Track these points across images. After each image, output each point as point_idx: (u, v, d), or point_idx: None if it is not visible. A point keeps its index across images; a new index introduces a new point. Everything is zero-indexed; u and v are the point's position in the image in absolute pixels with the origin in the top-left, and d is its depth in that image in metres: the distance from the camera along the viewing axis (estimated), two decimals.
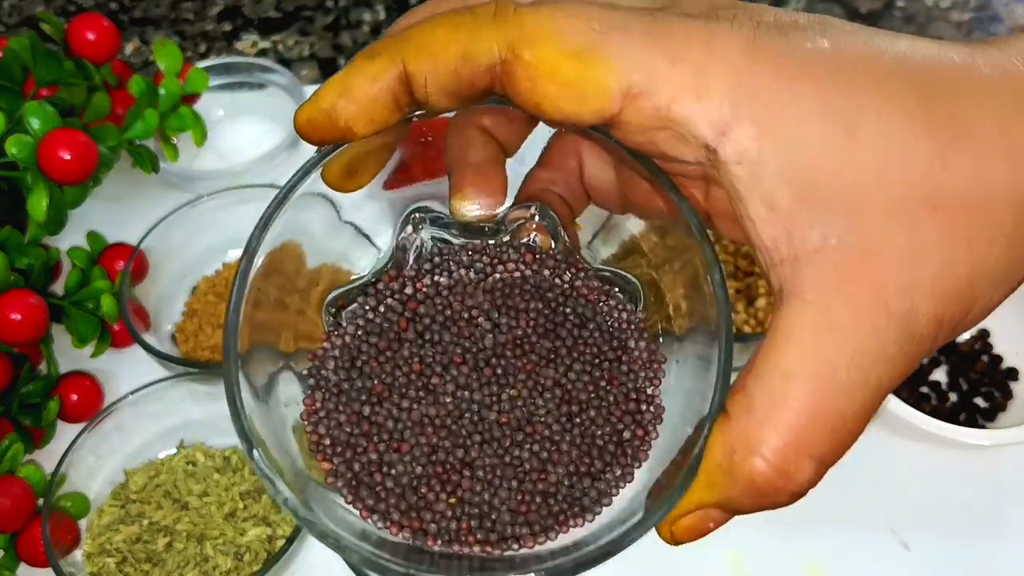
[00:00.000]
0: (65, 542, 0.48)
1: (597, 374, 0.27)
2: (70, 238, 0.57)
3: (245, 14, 0.83)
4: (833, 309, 0.20)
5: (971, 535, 0.50)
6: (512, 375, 0.26)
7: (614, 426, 0.26)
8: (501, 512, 0.25)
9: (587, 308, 0.28)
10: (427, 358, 0.26)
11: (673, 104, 0.20)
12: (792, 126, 0.20)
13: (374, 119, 0.22)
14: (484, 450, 0.26)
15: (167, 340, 0.58)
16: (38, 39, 0.52)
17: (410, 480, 0.25)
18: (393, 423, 0.26)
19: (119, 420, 0.51)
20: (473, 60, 0.21)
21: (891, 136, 0.20)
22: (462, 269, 0.28)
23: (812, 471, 0.20)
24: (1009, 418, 0.54)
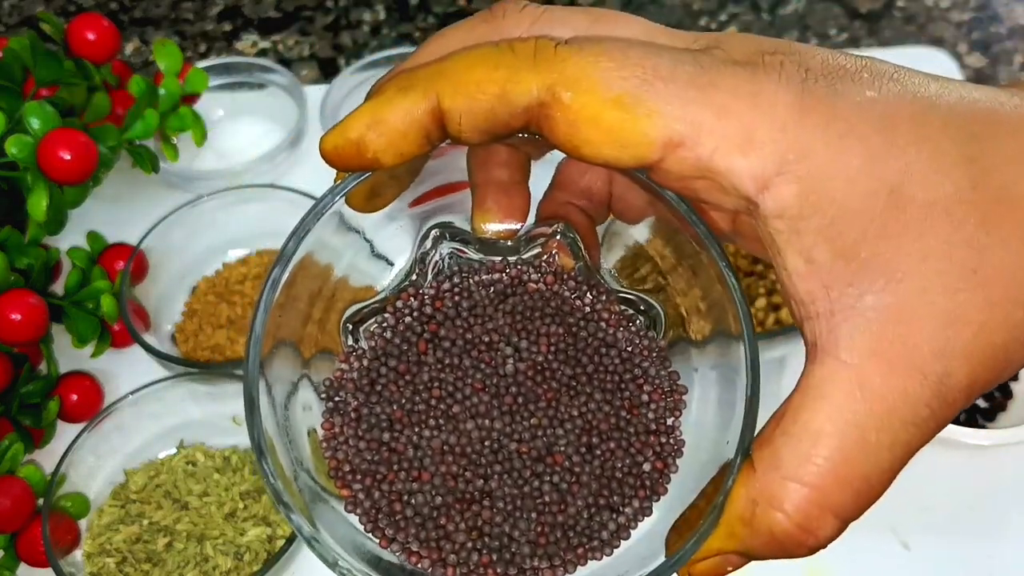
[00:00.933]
0: (65, 542, 0.48)
1: (618, 403, 0.27)
2: (70, 238, 0.57)
3: (245, 14, 0.83)
4: (867, 370, 0.20)
5: (971, 535, 0.50)
6: (533, 403, 0.26)
7: (634, 458, 0.26)
8: (520, 544, 0.25)
9: (608, 334, 0.27)
10: (447, 384, 0.26)
11: (716, 156, 0.20)
12: (836, 185, 0.20)
13: (403, 152, 0.22)
14: (504, 480, 0.26)
15: (167, 340, 0.58)
16: (38, 39, 0.52)
17: (430, 510, 0.25)
18: (413, 451, 0.26)
19: (119, 420, 0.51)
20: (511, 100, 0.21)
21: (935, 201, 0.20)
22: (482, 288, 0.27)
23: (833, 528, 0.21)
24: (1009, 418, 0.54)
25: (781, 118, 0.20)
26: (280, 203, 0.60)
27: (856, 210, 0.20)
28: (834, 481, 0.20)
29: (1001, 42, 0.76)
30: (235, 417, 0.53)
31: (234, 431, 0.53)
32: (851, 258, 0.20)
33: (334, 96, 0.68)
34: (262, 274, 0.59)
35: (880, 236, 0.20)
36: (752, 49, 0.21)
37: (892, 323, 0.20)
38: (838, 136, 0.20)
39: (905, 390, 0.20)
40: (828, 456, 0.20)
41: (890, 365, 0.20)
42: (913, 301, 0.20)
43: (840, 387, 0.20)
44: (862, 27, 0.78)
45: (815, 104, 0.20)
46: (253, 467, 0.51)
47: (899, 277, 0.20)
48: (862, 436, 0.20)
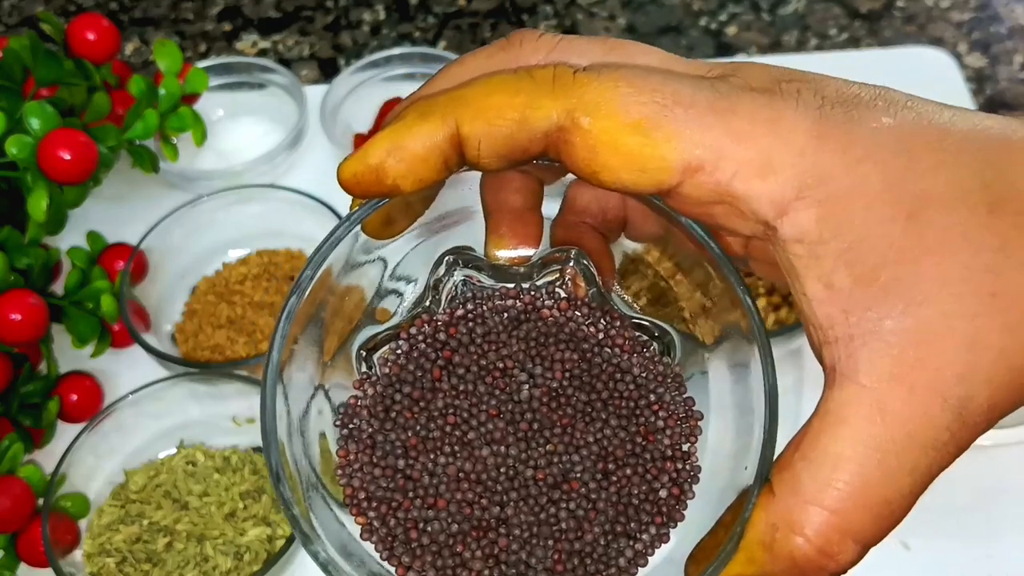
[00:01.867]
0: (65, 542, 0.48)
1: (633, 429, 0.26)
2: (70, 238, 0.57)
3: (245, 14, 0.83)
4: (887, 395, 0.20)
5: (971, 535, 0.50)
6: (548, 429, 0.26)
7: (650, 484, 0.26)
8: (537, 572, 0.25)
9: (622, 360, 0.27)
10: (462, 411, 0.26)
11: (735, 180, 0.20)
12: (855, 210, 0.20)
13: (422, 178, 0.22)
14: (520, 507, 0.26)
15: (167, 340, 0.58)
16: (38, 39, 0.52)
17: (446, 538, 0.25)
18: (428, 478, 0.26)
19: (119, 420, 0.51)
20: (530, 126, 0.21)
21: (953, 226, 0.20)
22: (496, 315, 0.27)
23: (854, 553, 0.21)
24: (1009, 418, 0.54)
25: (799, 143, 0.20)
26: (280, 203, 0.61)
27: (875, 235, 0.20)
28: (854, 506, 0.20)
29: (1001, 42, 0.76)
30: (235, 417, 0.53)
31: (234, 431, 0.53)
32: (870, 283, 0.20)
33: (334, 96, 0.68)
34: (262, 274, 0.60)
35: (899, 261, 0.20)
36: (768, 77, 0.21)
37: (912, 347, 0.20)
38: (856, 161, 0.20)
39: (926, 414, 0.20)
40: (848, 481, 0.20)
41: (910, 389, 0.20)
42: (933, 325, 0.20)
43: (860, 411, 0.20)
44: (862, 27, 0.78)
45: (832, 130, 0.20)
46: (253, 467, 0.51)
47: (919, 301, 0.20)
48: (883, 460, 0.20)
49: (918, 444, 0.20)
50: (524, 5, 0.82)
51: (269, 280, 0.59)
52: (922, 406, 0.20)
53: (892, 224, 0.20)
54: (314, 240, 0.60)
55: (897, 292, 0.20)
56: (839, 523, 0.20)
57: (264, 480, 0.51)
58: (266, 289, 0.59)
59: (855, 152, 0.20)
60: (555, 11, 0.81)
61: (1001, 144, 0.21)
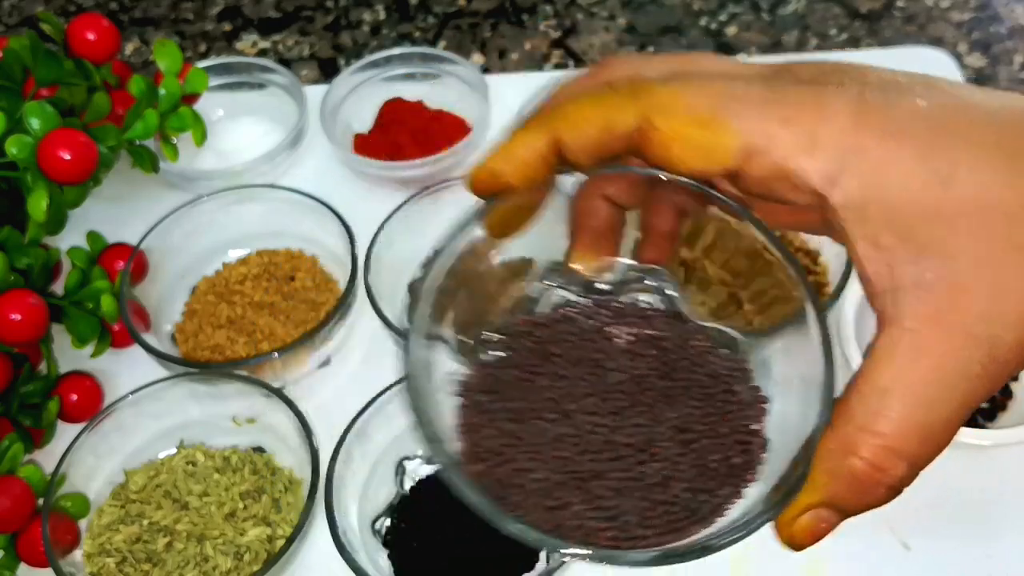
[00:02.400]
0: (65, 542, 0.48)
1: (709, 411, 0.31)
2: (70, 238, 0.57)
3: (245, 14, 0.83)
4: (926, 335, 0.23)
5: (971, 535, 0.50)
6: (634, 407, 0.30)
7: (725, 453, 0.30)
8: (629, 515, 0.29)
9: (698, 355, 0.32)
10: (561, 389, 0.31)
11: (788, 159, 0.24)
12: (893, 178, 0.23)
13: (528, 177, 0.27)
14: (613, 465, 0.30)
15: (167, 340, 0.58)
16: (38, 39, 0.52)
17: (549, 485, 0.29)
18: (533, 438, 0.30)
19: (119, 420, 0.51)
20: (614, 129, 0.25)
21: (979, 186, 0.23)
22: (590, 318, 0.33)
23: (904, 469, 0.24)
24: (1009, 418, 0.54)
25: (840, 124, 0.24)
26: (280, 203, 0.61)
27: (912, 199, 0.23)
28: (900, 429, 0.24)
29: (1001, 42, 0.76)
30: (235, 417, 0.53)
31: (234, 431, 0.53)
32: (911, 240, 0.23)
33: (334, 96, 0.68)
34: (262, 274, 0.60)
35: (935, 220, 0.23)
36: (816, 70, 0.25)
37: (947, 294, 0.23)
38: (891, 136, 0.23)
39: (960, 350, 0.23)
40: (895, 408, 0.24)
41: (946, 330, 0.23)
42: (966, 275, 0.23)
43: (904, 351, 0.24)
44: (862, 27, 0.78)
45: (870, 110, 0.24)
46: (253, 467, 0.51)
47: (953, 255, 0.23)
48: (923, 392, 0.23)
49: (953, 377, 0.23)
50: (524, 5, 0.82)
51: (269, 280, 0.59)
52: (956, 344, 0.23)
53: (926, 189, 0.23)
54: (314, 240, 0.60)
55: (933, 248, 0.23)
56: (888, 444, 0.24)
57: (264, 480, 0.51)
58: (266, 289, 0.59)
59: (890, 128, 0.24)
60: (555, 11, 0.81)
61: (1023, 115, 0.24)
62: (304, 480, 0.50)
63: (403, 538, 0.49)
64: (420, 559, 0.48)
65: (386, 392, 0.50)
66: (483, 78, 0.68)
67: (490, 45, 0.79)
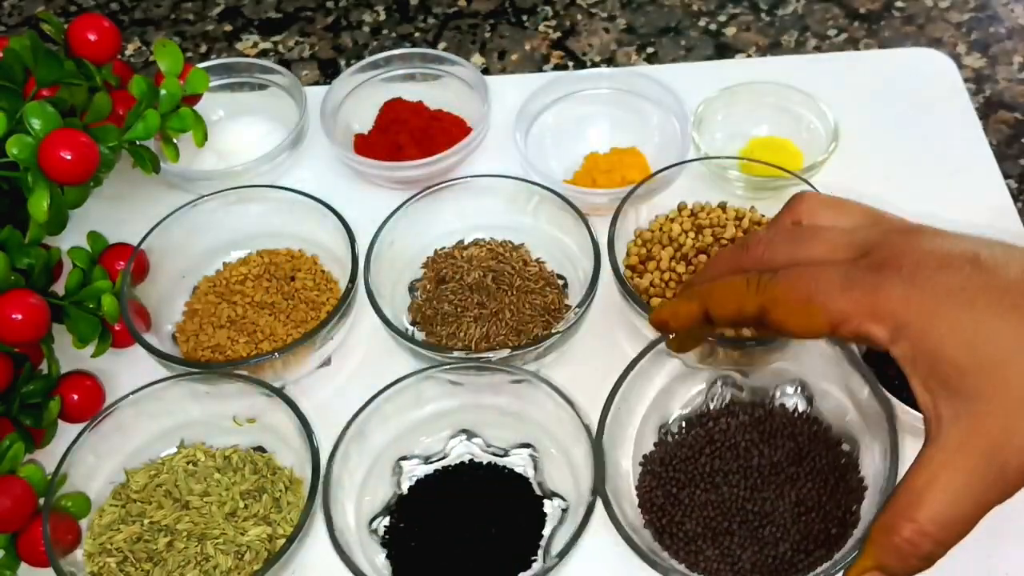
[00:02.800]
0: (66, 542, 0.48)
1: (822, 491, 0.47)
2: (71, 238, 0.57)
3: (246, 15, 0.83)
4: (955, 455, 0.32)
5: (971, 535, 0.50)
6: (766, 487, 0.47)
7: (826, 525, 0.46)
8: (745, 564, 0.45)
9: (822, 449, 0.48)
10: (715, 467, 0.48)
11: (860, 328, 0.34)
12: (932, 343, 0.32)
13: (686, 326, 0.40)
14: (742, 526, 0.46)
15: (167, 340, 0.58)
16: (39, 39, 0.52)
17: (693, 535, 0.46)
18: (687, 500, 0.47)
19: (119, 420, 0.51)
20: (744, 311, 0.37)
21: (999, 348, 0.31)
22: (745, 415, 0.50)
23: (931, 547, 0.33)
24: None
25: (893, 304, 0.33)
26: (280, 203, 0.61)
27: (950, 358, 0.32)
28: (931, 519, 0.32)
29: (1001, 42, 0.76)
30: (235, 417, 0.53)
31: (234, 431, 0.53)
32: (948, 387, 0.32)
33: (334, 97, 0.68)
34: (262, 274, 0.60)
35: (964, 375, 0.32)
36: (886, 254, 0.34)
37: (971, 428, 0.32)
38: (930, 314, 0.32)
39: (977, 468, 0.32)
40: (927, 503, 0.32)
41: (968, 453, 0.32)
42: (985, 415, 0.32)
43: (937, 463, 0.32)
44: (861, 27, 0.78)
45: (916, 292, 0.33)
46: (254, 467, 0.51)
47: (976, 400, 0.32)
48: (949, 497, 0.32)
49: (971, 488, 0.32)
50: (524, 6, 0.82)
51: (269, 280, 0.59)
52: (975, 463, 0.32)
53: (957, 351, 0.32)
54: (314, 240, 0.61)
55: (963, 395, 0.32)
56: (920, 528, 0.33)
57: (264, 479, 0.51)
58: (267, 289, 0.59)
59: (933, 303, 0.32)
60: (555, 12, 0.81)
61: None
62: (305, 479, 0.50)
63: (401, 538, 0.49)
64: (418, 559, 0.48)
65: (383, 392, 0.50)
66: (483, 78, 0.68)
67: (490, 46, 0.79)
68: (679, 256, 0.56)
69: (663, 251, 0.56)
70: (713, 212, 0.58)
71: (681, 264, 0.56)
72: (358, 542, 0.48)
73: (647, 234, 0.58)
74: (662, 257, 0.56)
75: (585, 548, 0.45)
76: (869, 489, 0.46)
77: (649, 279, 0.56)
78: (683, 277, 0.56)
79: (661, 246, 0.57)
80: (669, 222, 0.58)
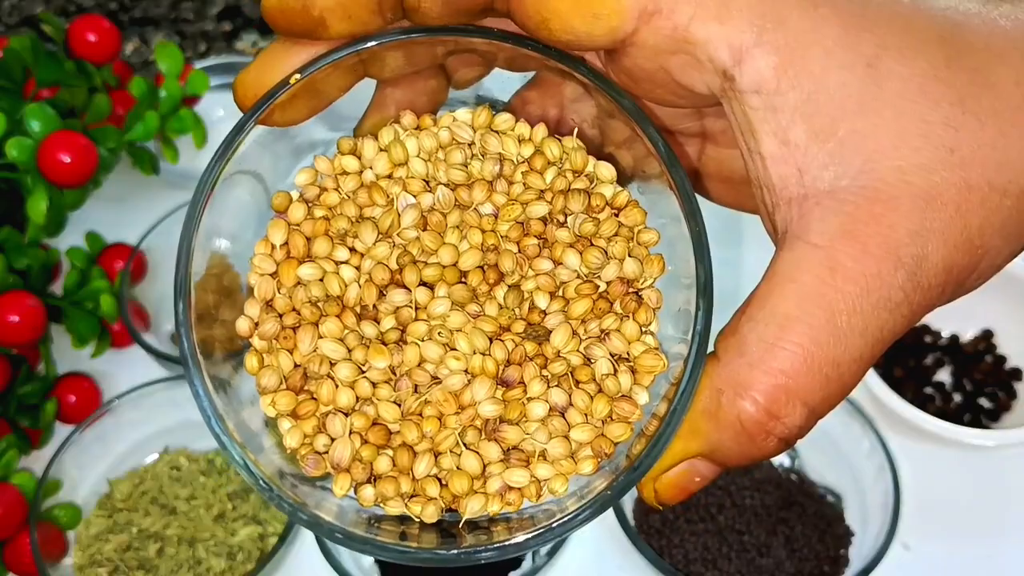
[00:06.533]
0: (53, 552, 0.48)
1: (810, 534, 0.48)
2: (70, 237, 0.57)
3: (245, 14, 0.83)
4: (839, 252, 0.19)
5: (971, 535, 0.50)
6: (759, 523, 0.48)
7: (818, 562, 0.47)
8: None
9: (807, 498, 0.49)
10: (709, 500, 0.49)
11: (693, 24, 0.19)
12: (814, 57, 0.19)
13: (351, 16, 0.21)
14: (740, 555, 0.47)
15: (167, 340, 0.58)
16: (38, 40, 0.52)
17: (692, 558, 0.47)
18: (686, 527, 0.48)
19: (100, 430, 0.51)
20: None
21: (911, 76, 0.19)
22: (755, 497, 0.50)
23: (802, 417, 0.20)
24: (1013, 419, 0.54)
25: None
26: None
27: (834, 84, 0.19)
28: (803, 366, 0.19)
29: None
30: None
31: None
32: (827, 137, 0.19)
33: None
34: None
35: (857, 112, 0.19)
36: None
37: (867, 203, 0.19)
38: (813, 6, 0.19)
39: (878, 273, 0.19)
40: (797, 340, 0.19)
41: (863, 246, 0.19)
42: (889, 181, 0.19)
43: (810, 270, 0.19)
44: None
45: None
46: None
47: (875, 156, 0.19)
48: (832, 320, 0.19)
49: (869, 304, 0.19)
50: None
51: None
52: (874, 264, 0.19)
53: (850, 72, 0.19)
54: None
55: (854, 146, 0.19)
56: (787, 384, 0.19)
57: None
58: None
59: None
60: None
61: (958, 11, 0.20)
62: None
63: None
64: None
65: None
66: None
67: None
68: None
69: None
70: None
71: None
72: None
73: None
74: None
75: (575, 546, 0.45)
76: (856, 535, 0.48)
77: None
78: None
79: None
80: None
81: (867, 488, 0.49)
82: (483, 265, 0.24)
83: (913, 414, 0.49)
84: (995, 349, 0.56)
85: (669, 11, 0.19)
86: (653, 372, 0.23)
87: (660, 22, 0.19)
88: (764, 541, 0.48)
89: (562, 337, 0.23)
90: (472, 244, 0.24)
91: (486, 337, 0.23)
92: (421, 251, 0.24)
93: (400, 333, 0.24)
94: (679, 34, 0.19)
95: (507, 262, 0.23)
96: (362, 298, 0.24)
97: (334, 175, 0.26)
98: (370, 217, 0.25)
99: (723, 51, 0.19)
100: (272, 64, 0.22)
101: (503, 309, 0.24)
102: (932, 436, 0.49)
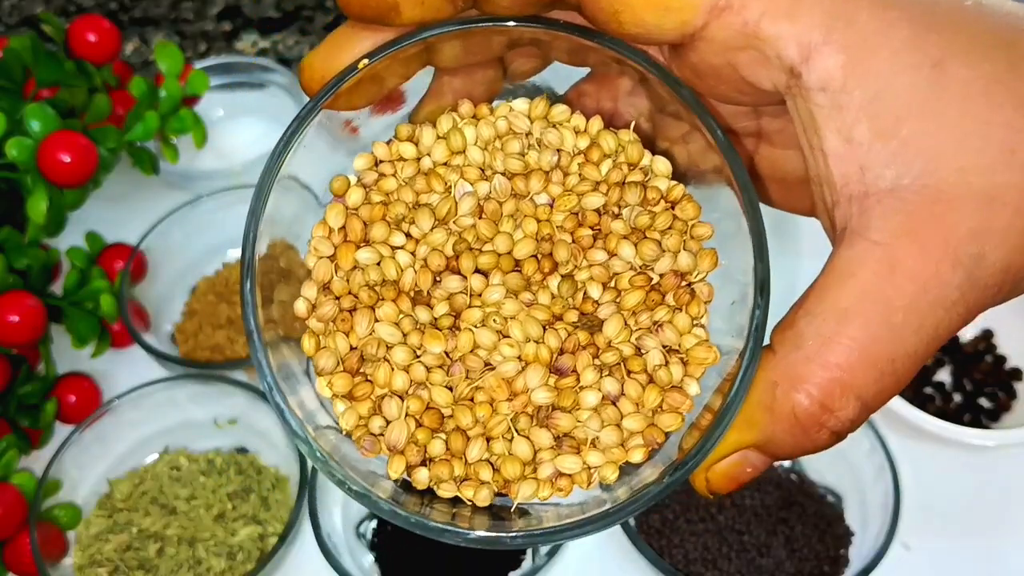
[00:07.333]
0: (53, 552, 0.48)
1: (809, 534, 0.47)
2: (70, 237, 0.57)
3: (245, 14, 0.83)
4: (899, 250, 0.19)
5: (971, 535, 0.50)
6: (759, 523, 0.48)
7: (818, 562, 0.47)
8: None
9: (807, 498, 0.49)
10: (714, 507, 0.48)
11: (763, 20, 0.20)
12: (881, 56, 0.19)
13: (424, 3, 0.21)
14: (740, 555, 0.47)
15: (167, 340, 0.58)
16: (39, 40, 0.52)
17: (692, 558, 0.47)
18: (691, 528, 0.48)
19: (99, 431, 0.51)
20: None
21: (975, 79, 0.19)
22: (758, 497, 0.50)
23: (856, 411, 0.20)
24: (1013, 419, 0.54)
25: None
26: None
27: (900, 84, 0.19)
28: (858, 361, 0.19)
29: None
30: (216, 420, 0.53)
31: (216, 434, 0.53)
32: (891, 137, 0.19)
33: None
34: None
35: (921, 113, 0.19)
36: None
37: (928, 203, 0.19)
38: (883, 8, 0.20)
39: (937, 271, 0.19)
40: (853, 335, 0.19)
41: (922, 245, 0.19)
42: (950, 181, 0.19)
43: (869, 267, 0.19)
44: None
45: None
46: (238, 467, 0.51)
47: (938, 157, 0.19)
48: (889, 317, 0.19)
49: (926, 302, 0.19)
50: None
51: None
52: (933, 263, 0.19)
53: (916, 73, 0.19)
54: None
55: (917, 147, 0.19)
56: (842, 378, 0.20)
57: (250, 480, 0.51)
58: None
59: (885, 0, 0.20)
60: None
61: (1017, 10, 0.21)
62: (290, 477, 0.50)
63: (389, 540, 0.49)
64: (406, 560, 0.48)
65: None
66: None
67: None
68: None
69: None
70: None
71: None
72: (345, 544, 0.48)
73: None
74: None
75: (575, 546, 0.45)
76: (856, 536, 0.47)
77: None
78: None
79: None
80: None
81: (867, 488, 0.49)
82: (537, 254, 0.24)
83: (913, 414, 0.49)
84: (995, 349, 0.56)
85: (740, 7, 0.20)
86: (704, 364, 0.24)
87: (730, 17, 0.20)
88: (764, 541, 0.48)
89: (614, 327, 0.24)
90: (527, 233, 0.24)
91: (540, 325, 0.24)
92: (476, 239, 0.24)
93: (453, 319, 0.24)
94: (749, 30, 0.20)
95: (562, 252, 0.24)
96: (417, 283, 0.24)
97: (391, 161, 0.26)
98: (427, 204, 0.25)
99: (792, 48, 0.20)
100: (340, 48, 0.23)
101: (556, 298, 0.24)
102: (932, 436, 0.49)
